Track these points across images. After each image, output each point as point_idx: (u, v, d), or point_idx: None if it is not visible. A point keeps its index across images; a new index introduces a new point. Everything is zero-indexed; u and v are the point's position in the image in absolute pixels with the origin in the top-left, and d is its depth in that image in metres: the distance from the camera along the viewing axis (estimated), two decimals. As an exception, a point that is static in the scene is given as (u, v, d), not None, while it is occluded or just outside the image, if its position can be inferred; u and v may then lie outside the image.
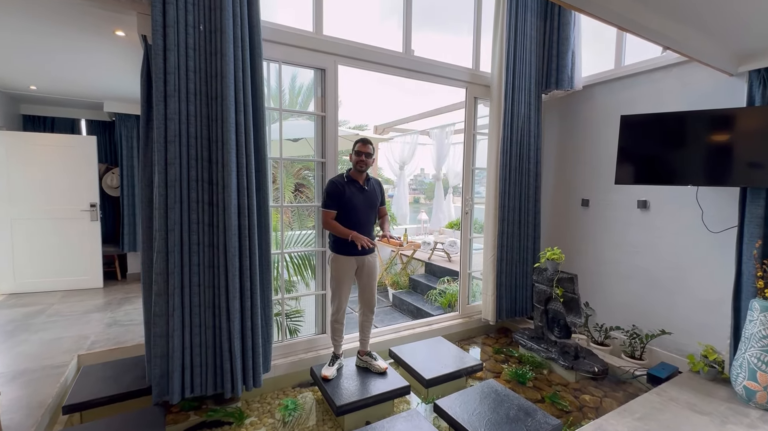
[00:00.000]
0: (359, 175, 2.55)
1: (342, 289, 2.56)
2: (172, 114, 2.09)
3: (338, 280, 2.55)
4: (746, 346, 2.33)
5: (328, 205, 2.49)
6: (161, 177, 2.10)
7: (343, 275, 2.54)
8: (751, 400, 2.29)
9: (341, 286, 2.55)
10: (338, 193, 2.48)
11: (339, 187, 2.49)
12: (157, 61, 2.05)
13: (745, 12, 1.96)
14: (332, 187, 2.50)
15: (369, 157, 2.52)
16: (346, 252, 2.51)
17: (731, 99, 2.62)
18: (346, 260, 2.53)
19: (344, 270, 2.54)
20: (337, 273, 2.54)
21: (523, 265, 3.64)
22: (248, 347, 2.32)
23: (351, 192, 2.50)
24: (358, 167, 2.51)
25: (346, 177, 2.54)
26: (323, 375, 2.54)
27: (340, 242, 2.51)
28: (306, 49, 2.69)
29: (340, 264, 2.53)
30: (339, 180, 2.53)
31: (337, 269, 2.54)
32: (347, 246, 2.48)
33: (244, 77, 2.24)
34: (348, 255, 2.52)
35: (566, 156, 3.79)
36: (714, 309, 2.74)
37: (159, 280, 2.14)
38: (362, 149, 2.49)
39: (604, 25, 1.92)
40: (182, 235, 2.18)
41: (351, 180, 2.53)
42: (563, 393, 2.67)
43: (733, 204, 2.56)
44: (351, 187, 2.52)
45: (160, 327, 2.17)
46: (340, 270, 2.54)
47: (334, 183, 2.51)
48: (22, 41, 2.98)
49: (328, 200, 2.49)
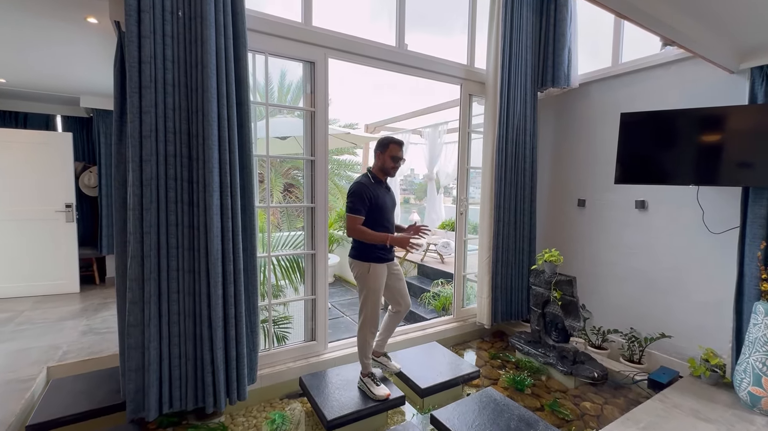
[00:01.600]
0: (384, 177, 2.40)
1: (378, 298, 2.33)
2: (148, 106, 1.92)
3: (377, 291, 2.31)
4: (750, 350, 2.26)
5: (356, 209, 2.23)
6: (136, 175, 1.94)
7: (381, 285, 2.33)
8: (756, 406, 2.22)
9: (377, 296, 2.32)
10: (369, 196, 2.26)
11: (369, 189, 2.28)
12: (131, 49, 1.88)
13: (754, 4, 1.88)
14: (362, 188, 2.26)
15: (402, 161, 2.40)
16: (385, 258, 2.33)
17: (732, 97, 2.56)
18: (383, 268, 2.33)
19: (382, 279, 2.33)
20: (376, 284, 2.30)
21: (518, 267, 3.55)
22: (232, 357, 2.16)
23: (380, 193, 2.32)
24: (393, 173, 2.38)
25: (372, 178, 2.35)
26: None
27: (375, 249, 2.29)
28: (294, 40, 2.54)
29: (378, 273, 2.30)
30: (366, 181, 2.32)
31: (376, 279, 2.30)
32: (385, 253, 2.32)
33: (227, 68, 2.08)
34: (386, 261, 2.34)
35: (562, 155, 3.72)
36: (714, 311, 2.68)
37: (133, 287, 1.97)
38: (400, 155, 2.35)
39: (599, 23, 1.82)
40: (159, 238, 2.01)
41: (378, 181, 2.37)
42: (563, 400, 2.58)
43: (735, 204, 2.50)
44: (379, 188, 2.35)
45: (134, 338, 2.00)
46: (378, 280, 2.30)
47: (363, 185, 2.28)
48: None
49: (358, 203, 2.23)
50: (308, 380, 2.51)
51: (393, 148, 2.32)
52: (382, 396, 2.30)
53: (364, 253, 2.31)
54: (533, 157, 3.53)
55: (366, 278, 2.31)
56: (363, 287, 2.34)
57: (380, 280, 2.32)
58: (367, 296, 2.33)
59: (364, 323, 2.36)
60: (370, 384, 2.37)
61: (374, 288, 2.31)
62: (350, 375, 2.57)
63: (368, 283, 2.31)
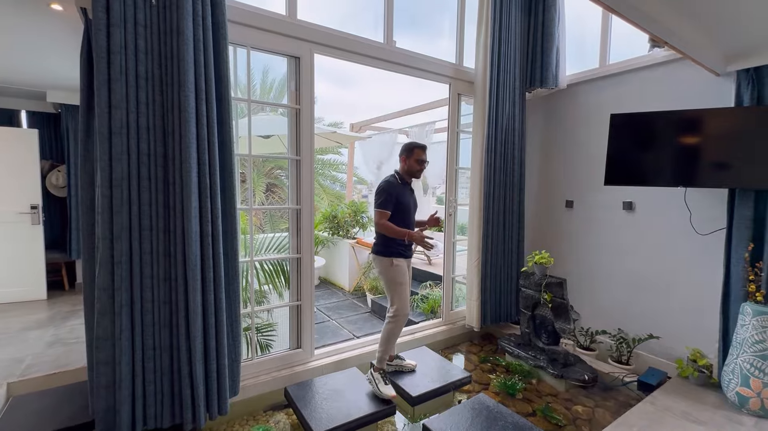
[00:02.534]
0: (409, 179, 2.57)
1: (406, 290, 2.49)
2: (118, 101, 1.77)
3: (404, 284, 2.47)
4: (738, 351, 2.28)
5: (384, 204, 2.41)
6: (105, 174, 1.78)
7: (406, 277, 2.50)
8: (744, 406, 2.24)
9: (405, 288, 2.48)
10: (396, 193, 2.44)
11: (396, 188, 2.46)
12: (99, 39, 1.73)
13: (742, 3, 1.88)
14: (390, 187, 2.44)
15: (427, 164, 2.57)
16: (405, 254, 2.51)
17: (718, 99, 2.58)
18: (404, 263, 2.50)
19: (404, 272, 2.49)
20: (403, 277, 2.47)
21: (507, 268, 3.52)
22: (212, 370, 2.03)
23: (404, 194, 2.49)
24: (418, 175, 2.56)
25: (399, 179, 2.52)
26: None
27: (396, 245, 2.46)
28: (278, 34, 2.42)
29: (401, 267, 2.47)
30: (394, 181, 2.50)
31: (401, 273, 2.46)
32: (404, 249, 2.49)
33: (206, 61, 1.94)
34: (406, 257, 2.52)
35: (549, 156, 3.71)
36: (701, 312, 2.70)
37: (102, 297, 1.82)
38: (424, 158, 2.52)
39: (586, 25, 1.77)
40: (132, 243, 1.86)
41: (404, 182, 2.54)
42: (554, 404, 2.54)
43: (722, 206, 2.52)
44: (404, 189, 2.52)
45: (104, 352, 1.84)
46: (403, 274, 2.47)
47: (391, 183, 2.47)
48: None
49: (388, 198, 2.41)
50: (294, 390, 2.39)
51: (417, 152, 2.51)
52: (387, 396, 2.31)
53: (387, 249, 2.47)
54: (522, 157, 3.51)
55: (390, 272, 2.46)
56: (389, 282, 2.48)
57: (404, 274, 2.48)
58: (396, 289, 2.46)
59: (396, 315, 2.45)
60: (379, 380, 2.40)
61: (401, 281, 2.46)
62: (338, 385, 2.47)
63: (395, 277, 2.46)
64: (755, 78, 2.35)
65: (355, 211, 5.79)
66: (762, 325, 2.18)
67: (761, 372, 2.17)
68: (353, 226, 5.78)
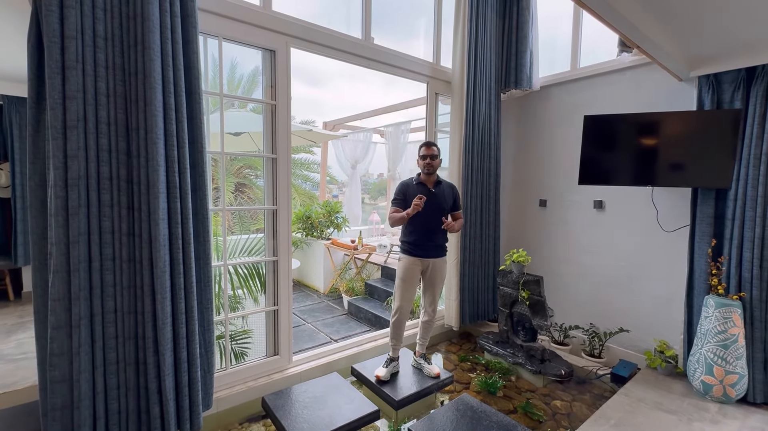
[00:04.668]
0: (428, 179, 2.60)
1: (404, 290, 2.59)
2: (74, 91, 1.60)
3: (402, 281, 2.59)
4: (702, 342, 2.40)
5: (393, 200, 2.61)
6: (59, 173, 1.61)
7: (408, 275, 2.58)
8: (708, 394, 2.36)
9: (403, 286, 2.59)
10: (405, 192, 2.57)
11: (409, 188, 2.59)
12: (51, 21, 1.55)
13: (707, 11, 1.98)
14: (402, 185, 2.62)
15: (434, 158, 2.56)
16: (412, 252, 2.58)
17: (683, 103, 2.72)
18: (411, 260, 2.57)
19: (408, 271, 2.57)
20: (403, 274, 2.59)
21: (485, 267, 3.56)
22: (183, 383, 1.89)
23: (417, 193, 2.50)
24: (426, 170, 2.56)
25: (415, 180, 2.62)
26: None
27: (404, 242, 2.61)
28: (253, 25, 2.30)
29: (406, 265, 2.58)
30: (408, 182, 2.63)
31: (403, 270, 2.59)
32: (411, 248, 2.57)
33: (174, 50, 1.80)
34: (413, 255, 2.57)
35: (524, 156, 3.79)
36: (667, 305, 2.84)
37: (57, 309, 1.64)
38: (426, 152, 2.55)
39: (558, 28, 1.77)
40: (91, 248, 1.69)
41: (420, 183, 2.59)
42: (534, 400, 2.58)
43: (686, 204, 2.66)
44: (419, 189, 2.56)
45: (60, 370, 1.66)
46: (404, 271, 2.59)
47: (403, 183, 2.63)
48: None
49: (396, 196, 2.60)
50: (272, 400, 2.28)
51: (422, 149, 2.59)
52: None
53: (401, 247, 2.66)
54: (497, 157, 3.55)
55: (398, 267, 2.64)
56: (396, 276, 2.64)
57: (407, 272, 2.57)
58: (396, 284, 2.63)
59: (393, 309, 2.64)
60: (384, 363, 2.68)
61: (400, 277, 2.60)
62: (319, 391, 2.38)
63: (398, 273, 2.63)
64: (715, 83, 2.49)
65: (330, 211, 5.68)
66: (723, 316, 2.31)
67: (723, 360, 2.30)
68: (327, 227, 5.67)
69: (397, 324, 2.64)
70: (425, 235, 2.54)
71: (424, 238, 2.55)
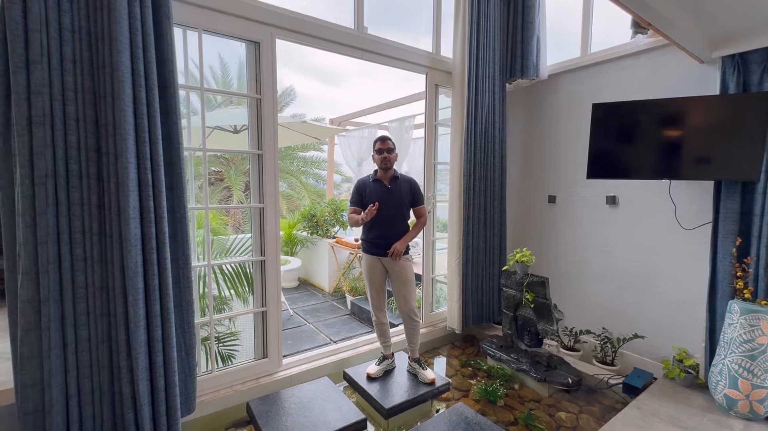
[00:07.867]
0: (385, 175, 2.53)
1: (370, 289, 2.59)
2: (39, 86, 1.55)
3: (367, 279, 2.59)
4: (726, 351, 2.17)
5: (351, 201, 2.61)
6: (25, 171, 1.56)
7: (368, 273, 2.57)
8: (732, 409, 2.13)
9: (368, 285, 2.59)
10: (360, 191, 2.55)
11: (363, 185, 2.56)
12: (13, 13, 1.49)
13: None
14: (358, 183, 2.59)
15: (391, 152, 2.48)
16: (368, 250, 2.55)
17: (702, 87, 2.47)
18: (371, 259, 2.55)
19: (369, 269, 2.56)
20: (365, 272, 2.59)
21: (489, 267, 3.38)
22: (159, 388, 1.82)
23: (373, 190, 2.50)
24: (383, 165, 2.49)
25: (372, 177, 2.57)
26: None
27: (362, 240, 2.59)
28: (235, 15, 2.21)
29: (366, 263, 2.58)
30: (365, 179, 2.59)
31: (365, 268, 2.59)
32: (369, 246, 2.53)
33: (145, 42, 1.73)
34: (369, 254, 2.55)
35: (531, 150, 3.58)
36: (687, 310, 2.60)
37: (27, 311, 1.59)
38: (382, 146, 2.48)
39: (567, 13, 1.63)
40: (60, 248, 1.64)
41: (376, 180, 2.54)
42: (537, 411, 2.41)
43: (707, 199, 2.41)
44: (375, 185, 2.52)
45: (30, 374, 1.62)
46: (366, 269, 2.58)
47: (360, 180, 2.60)
48: None
49: (352, 196, 2.59)
50: (256, 405, 2.20)
51: (377, 144, 2.50)
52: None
53: (361, 245, 2.63)
54: (502, 151, 3.36)
55: (362, 266, 2.67)
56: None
57: (369, 271, 2.56)
58: (365, 284, 2.63)
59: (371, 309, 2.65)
60: (377, 360, 2.66)
61: (365, 277, 2.60)
62: (306, 397, 2.29)
63: (362, 272, 2.67)
64: (741, 64, 2.24)
65: (335, 209, 5.59)
66: (750, 324, 2.07)
67: (750, 373, 2.07)
68: (333, 225, 5.58)
69: (377, 323, 2.63)
70: (383, 233, 2.47)
71: (383, 236, 2.47)
